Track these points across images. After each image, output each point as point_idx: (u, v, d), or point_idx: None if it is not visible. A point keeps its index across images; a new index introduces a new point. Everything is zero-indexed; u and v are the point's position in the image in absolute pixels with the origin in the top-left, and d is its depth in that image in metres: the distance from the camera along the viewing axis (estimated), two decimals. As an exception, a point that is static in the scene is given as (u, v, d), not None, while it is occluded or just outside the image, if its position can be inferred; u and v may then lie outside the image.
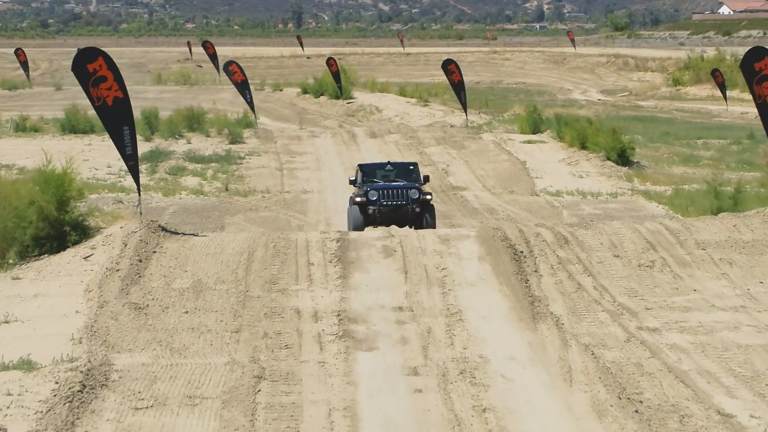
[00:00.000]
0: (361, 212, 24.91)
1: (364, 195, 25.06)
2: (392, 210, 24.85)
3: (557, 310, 16.50)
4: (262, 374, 13.76)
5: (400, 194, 25.03)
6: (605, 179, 36.12)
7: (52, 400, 12.49)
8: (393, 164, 27.08)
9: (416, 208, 24.86)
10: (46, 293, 17.44)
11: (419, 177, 26.10)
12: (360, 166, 26.86)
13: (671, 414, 12.69)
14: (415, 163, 27.12)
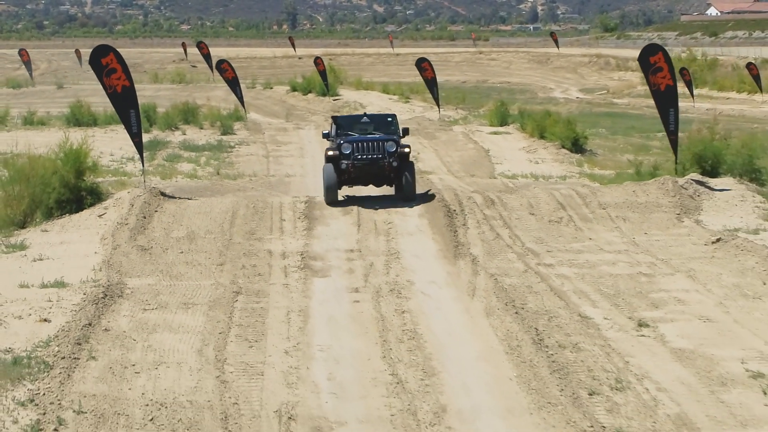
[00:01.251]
0: (335, 168, 23.99)
1: (337, 148, 24.13)
2: (368, 164, 23.93)
3: (476, 251, 21.14)
4: (239, 291, 18.40)
5: (375, 147, 24.02)
6: (558, 164, 40.61)
7: (82, 303, 17.11)
8: (370, 116, 26.13)
9: (393, 162, 23.91)
10: (69, 241, 22.04)
11: (398, 129, 25.25)
12: (334, 119, 25.83)
13: (543, 315, 17.28)
14: (394, 115, 26.17)
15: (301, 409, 13.61)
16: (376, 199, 25.67)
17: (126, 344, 15.48)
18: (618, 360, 15.30)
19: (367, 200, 25.50)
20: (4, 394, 13.52)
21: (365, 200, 25.80)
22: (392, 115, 25.90)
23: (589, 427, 13.09)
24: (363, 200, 25.75)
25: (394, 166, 23.99)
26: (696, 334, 16.39)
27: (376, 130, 25.09)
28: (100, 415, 13.13)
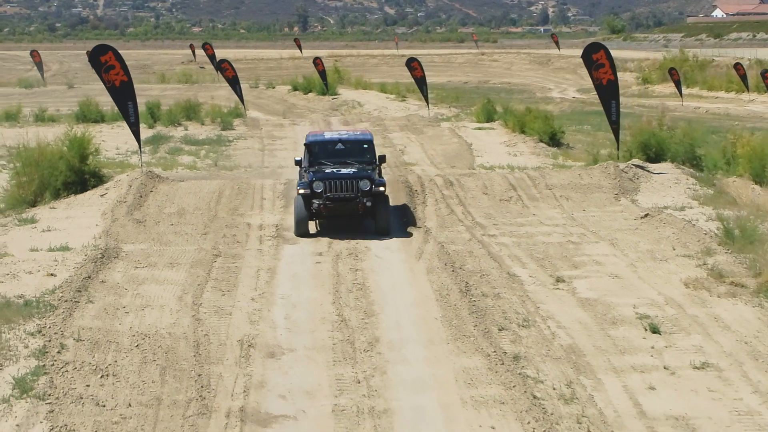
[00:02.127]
0: (305, 206, 23.08)
1: (308, 186, 23.17)
2: (340, 204, 23.14)
3: (430, 224, 24.30)
4: (218, 254, 21.59)
5: (349, 185, 23.12)
6: (535, 157, 43.66)
7: (83, 262, 20.32)
8: (345, 141, 24.71)
9: (367, 202, 23.08)
10: (74, 216, 25.26)
11: (374, 156, 24.38)
12: (307, 145, 24.54)
13: (476, 273, 20.41)
14: (370, 140, 24.85)
15: (259, 339, 16.78)
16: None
17: (119, 292, 18.68)
18: (530, 306, 18.43)
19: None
20: (17, 327, 16.71)
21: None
22: (368, 141, 24.57)
23: (492, 353, 16.21)
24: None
25: (368, 206, 23.11)
26: (602, 288, 19.52)
27: (352, 157, 24.08)
28: (95, 342, 16.32)
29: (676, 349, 16.56)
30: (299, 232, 23.32)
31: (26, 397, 14.32)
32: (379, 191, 23.25)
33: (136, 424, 13.82)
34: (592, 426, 13.91)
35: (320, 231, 24.24)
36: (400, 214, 25.34)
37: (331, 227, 24.08)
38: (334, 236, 23.52)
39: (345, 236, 23.56)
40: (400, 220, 24.92)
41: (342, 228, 23.92)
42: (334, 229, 24.00)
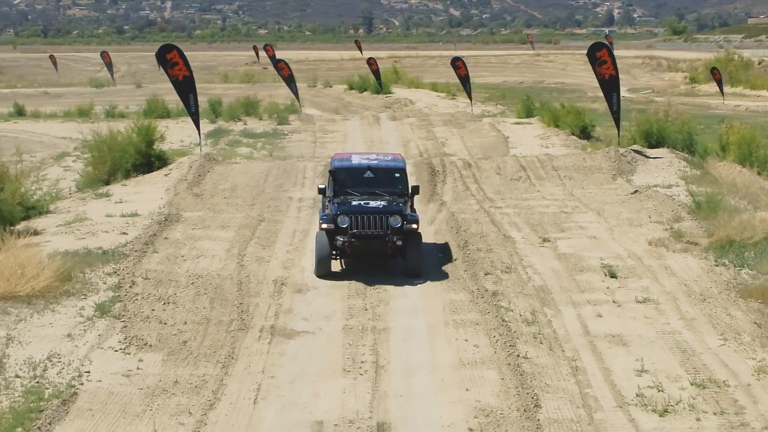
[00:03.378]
0: (329, 241, 20.99)
1: (332, 221, 21.08)
2: (367, 242, 21.00)
3: (446, 198, 28.53)
4: (262, 219, 26.00)
5: (377, 222, 21.02)
6: (564, 148, 47.63)
7: (149, 224, 24.83)
8: (374, 168, 22.32)
9: (397, 241, 20.95)
10: (142, 191, 29.83)
11: (406, 187, 22.18)
12: (332, 172, 22.28)
13: (476, 235, 24.60)
14: (402, 167, 22.62)
15: (290, 279, 21.16)
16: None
17: (178, 246, 23.17)
18: (516, 258, 22.63)
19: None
20: (97, 269, 21.22)
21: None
22: (400, 169, 22.42)
23: (476, 290, 20.42)
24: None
25: (398, 245, 20.98)
26: (579, 246, 23.65)
27: (381, 186, 21.90)
28: (159, 281, 20.79)
29: (626, 289, 20.66)
30: (321, 272, 21.01)
31: (105, 317, 18.79)
32: (411, 229, 20.95)
33: (190, 336, 18.22)
34: (544, 340, 18.06)
35: (345, 270, 21.84)
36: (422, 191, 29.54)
37: (355, 266, 21.86)
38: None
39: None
40: (420, 196, 29.12)
41: (367, 268, 21.70)
42: (358, 269, 21.76)
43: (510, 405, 15.45)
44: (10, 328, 18.24)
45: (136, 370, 16.80)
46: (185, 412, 15.25)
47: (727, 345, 17.83)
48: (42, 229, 24.64)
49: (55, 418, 14.92)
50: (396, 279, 21.41)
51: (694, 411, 15.26)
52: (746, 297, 20.01)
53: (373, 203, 21.45)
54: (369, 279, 21.35)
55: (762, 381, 16.27)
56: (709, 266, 21.94)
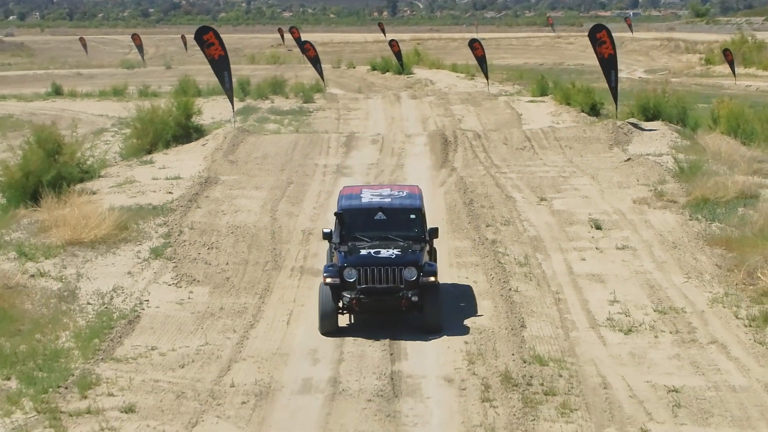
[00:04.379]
0: (334, 297, 18.27)
1: (338, 274, 18.39)
2: (377, 298, 18.36)
3: (456, 164, 31.84)
4: (291, 182, 29.40)
5: (390, 275, 18.36)
6: (574, 124, 50.95)
7: (192, 185, 28.26)
8: (386, 209, 19.52)
9: (413, 297, 18.27)
10: (182, 159, 33.27)
11: (423, 230, 19.48)
12: (338, 215, 19.50)
13: (482, 195, 27.91)
14: (419, 207, 19.64)
15: (316, 230, 24.53)
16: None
17: (218, 202, 26.62)
18: (515, 214, 25.95)
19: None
20: (149, 222, 24.67)
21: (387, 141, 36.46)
22: (416, 209, 19.62)
23: (477, 239, 23.76)
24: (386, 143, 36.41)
25: (414, 301, 18.34)
26: (572, 204, 26.94)
27: (395, 229, 19.31)
28: (203, 230, 24.22)
29: (608, 239, 23.96)
30: (325, 330, 18.29)
31: (159, 259, 22.24)
32: (428, 282, 18.33)
33: (231, 274, 21.65)
34: (534, 278, 21.39)
35: (353, 324, 19.07)
36: (434, 157, 32.87)
37: (365, 320, 19.05)
38: (379, 174, 31.13)
39: (389, 171, 31.19)
40: (433, 161, 32.44)
41: (379, 323, 18.88)
42: (369, 324, 18.93)
43: (500, 326, 18.79)
44: (79, 267, 21.70)
45: (188, 300, 20.23)
46: (230, 330, 18.67)
47: (690, 282, 21.11)
48: (97, 189, 28.09)
49: (123, 333, 18.36)
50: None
51: (653, 331, 18.57)
52: (712, 245, 23.25)
53: (384, 252, 18.61)
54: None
55: (714, 309, 19.56)
56: (684, 220, 25.19)
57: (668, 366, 17.03)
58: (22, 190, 25.75)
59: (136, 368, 16.82)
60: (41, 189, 25.41)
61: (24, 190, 25.74)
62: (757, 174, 28.91)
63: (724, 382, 16.28)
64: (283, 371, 16.52)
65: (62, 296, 20.12)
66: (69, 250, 22.49)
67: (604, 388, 16.04)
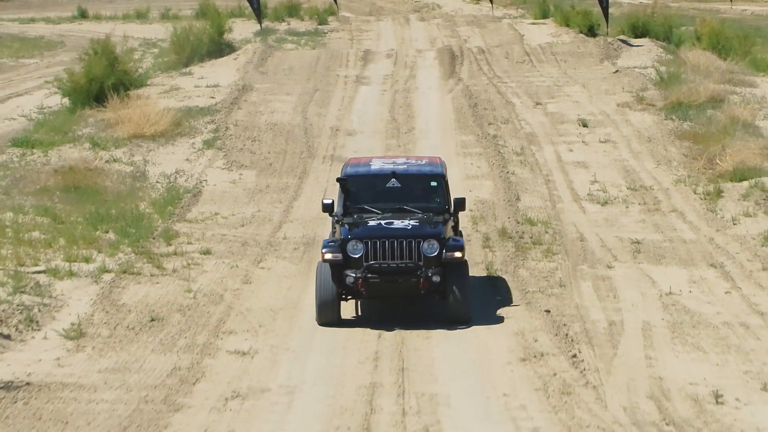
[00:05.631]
0: (335, 279, 15.55)
1: (339, 248, 15.70)
2: (389, 279, 15.61)
3: (462, 76, 35.92)
4: (317, 89, 33.46)
5: (405, 249, 15.65)
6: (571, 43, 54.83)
7: (231, 90, 32.39)
8: (401, 175, 16.85)
9: (434, 277, 15.54)
10: (217, 71, 37.32)
11: (446, 200, 16.81)
12: (341, 181, 16.84)
13: (485, 101, 32.00)
14: (441, 174, 17.13)
15: (342, 127, 28.76)
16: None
17: (256, 104, 30.81)
18: (513, 114, 30.12)
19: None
20: (198, 120, 28.87)
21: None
22: (437, 176, 17.05)
23: (480, 134, 27.97)
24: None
25: (435, 282, 15.62)
26: (564, 107, 31.08)
27: (412, 200, 16.59)
28: (246, 126, 28.44)
29: (593, 134, 28.14)
30: (324, 320, 15.71)
31: (211, 149, 26.49)
32: (453, 259, 15.68)
33: (273, 160, 25.90)
34: (528, 164, 25.61)
35: (360, 316, 16.57)
36: (443, 69, 36.93)
37: (376, 309, 16.62)
38: (394, 84, 35.25)
39: (403, 81, 35.31)
40: (442, 73, 36.50)
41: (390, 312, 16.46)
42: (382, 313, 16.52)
43: (499, 198, 23.08)
44: (145, 155, 25.96)
45: (239, 180, 24.52)
46: (277, 201, 22.97)
47: (659, 167, 25.33)
48: (147, 95, 32.22)
49: (190, 203, 22.66)
50: (421, 126, 28.99)
51: (625, 203, 22.84)
52: (681, 139, 27.45)
53: (398, 223, 15.91)
54: (401, 126, 28.90)
55: (677, 187, 23.80)
56: (660, 120, 29.34)
57: (634, 227, 21.31)
58: (86, 94, 29.85)
59: (205, 227, 21.13)
60: (105, 92, 29.53)
61: (88, 93, 29.85)
62: (727, 82, 32.98)
63: (678, 237, 20.55)
64: (324, 229, 20.68)
65: (135, 176, 24.40)
66: (134, 142, 26.70)
67: (581, 241, 20.32)
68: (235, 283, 17.78)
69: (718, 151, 25.32)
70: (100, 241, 19.72)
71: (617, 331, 15.33)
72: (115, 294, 16.93)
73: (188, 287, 17.33)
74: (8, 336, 14.55)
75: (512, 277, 18.20)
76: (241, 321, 15.86)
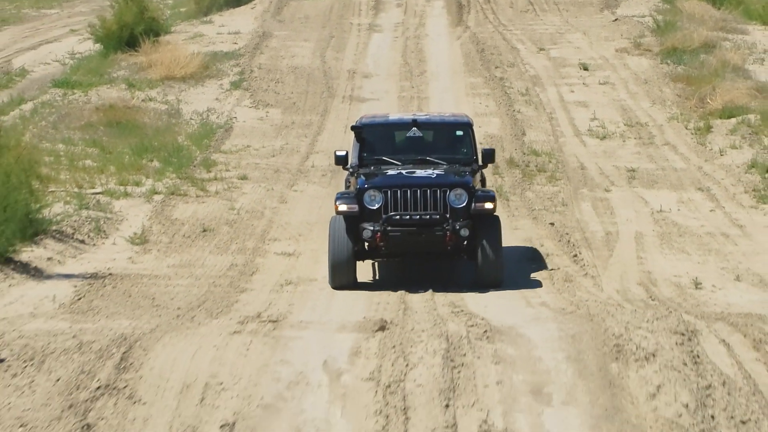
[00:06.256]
0: (350, 235, 14.30)
1: (355, 198, 14.51)
2: (411, 233, 14.32)
3: (470, 24, 37.96)
4: (333, 35, 35.49)
5: (429, 199, 14.39)
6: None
7: (252, 36, 34.44)
8: (423, 124, 15.79)
9: (461, 230, 14.28)
10: (236, 20, 39.30)
11: (473, 151, 15.67)
12: (356, 127, 15.79)
13: (491, 46, 34.04)
14: (467, 123, 16.05)
15: (359, 70, 30.89)
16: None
17: (277, 49, 32.91)
18: (518, 59, 32.22)
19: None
20: (224, 63, 30.96)
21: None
22: (464, 125, 15.99)
23: (488, 76, 30.08)
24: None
25: (463, 237, 14.43)
26: (565, 52, 33.17)
27: (435, 152, 15.51)
28: (269, 69, 30.56)
29: (593, 76, 30.27)
30: (337, 283, 14.64)
31: (238, 90, 28.64)
32: (484, 210, 14.50)
33: (296, 99, 28.08)
34: (532, 104, 27.77)
35: (378, 280, 15.80)
36: (451, 18, 38.98)
37: (395, 270, 15.91)
38: (405, 30, 37.38)
39: (414, 28, 37.41)
40: (450, 21, 38.56)
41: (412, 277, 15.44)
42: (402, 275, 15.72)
43: (506, 133, 25.26)
44: (177, 95, 28.10)
45: (266, 117, 26.70)
46: (303, 135, 25.17)
47: (655, 107, 27.49)
48: (173, 41, 34.30)
49: (224, 137, 24.87)
50: (432, 69, 31.14)
51: (622, 137, 25.04)
52: (675, 81, 29.56)
53: (421, 173, 14.76)
54: (414, 69, 31.03)
55: (670, 123, 25.99)
56: (656, 64, 31.44)
57: (630, 158, 23.50)
58: (117, 40, 31.94)
59: (240, 157, 23.32)
60: (135, 38, 31.60)
61: (119, 39, 31.94)
62: (720, 30, 35.05)
63: (669, 166, 22.76)
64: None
65: (170, 113, 26.57)
66: (166, 83, 28.82)
67: (582, 169, 22.53)
68: (273, 202, 19.98)
69: (709, 91, 27.43)
70: (147, 168, 21.90)
71: (613, 239, 17.56)
72: (167, 211, 19.12)
73: (231, 206, 19.52)
74: (83, 241, 16.75)
75: (520, 198, 20.40)
76: (282, 231, 18.08)
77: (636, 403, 8.29)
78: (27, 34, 40.03)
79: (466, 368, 8.82)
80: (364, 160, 15.43)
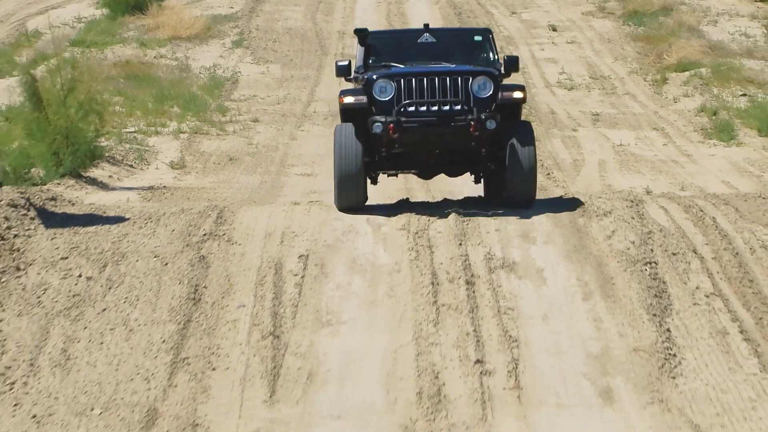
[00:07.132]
0: (359, 135, 12.63)
1: (363, 90, 12.79)
2: (432, 125, 12.45)
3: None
4: (321, 1, 38.67)
5: (448, 87, 12.53)
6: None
7: (245, 1, 37.53)
8: (436, 31, 14.26)
9: (488, 122, 12.29)
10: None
11: (494, 58, 13.86)
12: (360, 34, 13.90)
13: (467, 11, 37.20)
14: (487, 30, 14.49)
15: (348, 31, 33.91)
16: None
17: (271, 14, 35.96)
18: (492, 21, 35.40)
19: None
20: (224, 25, 33.98)
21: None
22: (483, 30, 14.49)
23: (466, 36, 33.27)
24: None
25: (489, 130, 12.37)
26: (535, 15, 36.41)
27: (452, 57, 13.57)
28: (266, 30, 33.60)
29: (561, 37, 33.53)
30: (345, 203, 12.94)
31: (239, 48, 31.70)
32: (512, 99, 12.90)
33: (294, 57, 31.16)
34: (507, 60, 30.95)
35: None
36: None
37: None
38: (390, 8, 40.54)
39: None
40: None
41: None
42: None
43: (484, 85, 28.48)
44: (185, 52, 31.12)
45: (267, 71, 29.78)
46: (302, 87, 28.31)
47: (617, 62, 30.80)
48: (173, 5, 37.28)
49: (231, 88, 27.94)
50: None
51: (587, 88, 28.33)
52: (636, 40, 32.87)
53: (435, 66, 13.15)
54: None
55: (631, 76, 29.30)
56: (618, 25, 34.74)
57: (595, 105, 26.78)
58: (125, 3, 34.94)
59: (249, 104, 26.44)
60: (140, 2, 34.60)
61: (127, 3, 34.93)
62: (678, -5, 38.38)
63: (629, 111, 26.06)
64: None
65: (181, 68, 29.59)
66: (174, 43, 31.82)
67: (552, 113, 25.78)
68: (284, 139, 23.13)
69: (666, 48, 30.76)
70: (169, 112, 24.94)
71: (579, 164, 20.85)
72: (194, 145, 22.22)
73: (249, 142, 22.64)
74: (132, 166, 19.86)
75: (499, 135, 23.63)
76: (297, 159, 21.25)
77: (596, 242, 11.47)
78: (31, 1, 42.83)
79: (473, 221, 12.03)
80: (369, 68, 13.32)
